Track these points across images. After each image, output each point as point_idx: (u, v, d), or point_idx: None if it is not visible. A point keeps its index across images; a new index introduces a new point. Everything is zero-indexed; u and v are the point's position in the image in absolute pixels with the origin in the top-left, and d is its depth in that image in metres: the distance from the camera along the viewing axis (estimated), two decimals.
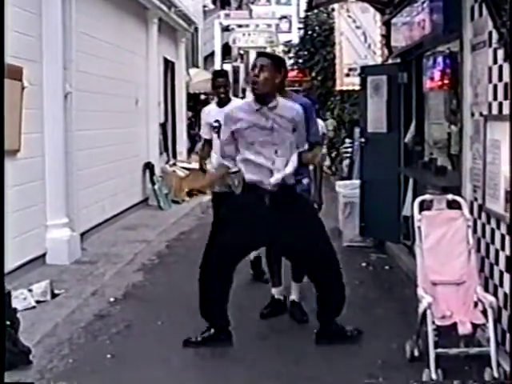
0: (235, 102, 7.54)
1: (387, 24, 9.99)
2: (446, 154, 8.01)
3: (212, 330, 5.97)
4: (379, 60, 12.78)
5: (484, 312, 5.05)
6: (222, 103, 7.92)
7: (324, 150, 21.92)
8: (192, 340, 5.94)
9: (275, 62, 5.93)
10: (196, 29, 23.09)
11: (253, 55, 31.40)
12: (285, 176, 5.79)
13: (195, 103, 24.15)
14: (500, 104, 5.27)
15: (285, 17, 34.46)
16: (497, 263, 5.40)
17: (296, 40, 25.84)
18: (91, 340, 6.21)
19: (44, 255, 8.85)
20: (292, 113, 5.88)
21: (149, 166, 14.65)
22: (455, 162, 7.59)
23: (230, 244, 5.79)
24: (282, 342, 6.00)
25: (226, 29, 30.46)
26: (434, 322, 5.02)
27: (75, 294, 7.62)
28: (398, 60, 9.77)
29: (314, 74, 21.38)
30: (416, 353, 5.39)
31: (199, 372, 5.48)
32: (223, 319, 6.00)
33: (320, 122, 7.14)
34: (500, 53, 5.20)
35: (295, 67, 24.33)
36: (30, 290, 7.23)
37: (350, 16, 14.75)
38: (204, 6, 26.68)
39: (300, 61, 23.04)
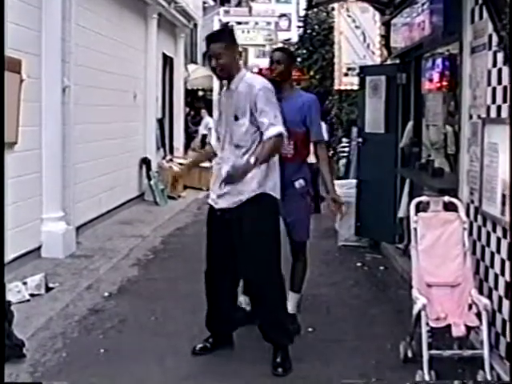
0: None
1: (387, 24, 10.00)
2: (443, 155, 8.01)
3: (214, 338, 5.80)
4: (378, 60, 12.80)
5: (478, 314, 5.05)
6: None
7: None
8: (198, 348, 5.74)
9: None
10: (195, 25, 23.03)
11: (251, 52, 31.41)
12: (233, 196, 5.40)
13: (193, 99, 24.11)
14: (498, 107, 5.27)
15: (284, 15, 34.50)
16: (492, 266, 5.41)
17: (295, 38, 25.83)
18: (85, 334, 6.20)
19: (39, 248, 8.84)
20: (246, 89, 5.35)
21: (145, 161, 14.66)
22: (453, 163, 7.60)
23: (210, 251, 5.64)
24: None
25: (225, 25, 30.41)
26: (428, 324, 5.01)
27: (70, 287, 7.62)
28: (397, 61, 9.78)
29: (312, 73, 21.38)
30: (410, 354, 5.40)
31: (193, 368, 5.46)
32: (226, 327, 5.84)
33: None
34: (500, 56, 5.20)
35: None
36: (25, 283, 7.23)
37: (349, 16, 14.77)
38: (204, 3, 26.58)
39: (298, 59, 23.02)
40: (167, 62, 18.05)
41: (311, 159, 6.35)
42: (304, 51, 22.00)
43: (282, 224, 5.80)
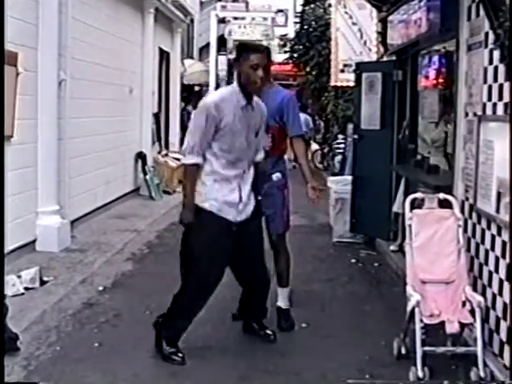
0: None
1: (383, 21, 10.00)
2: (443, 153, 7.99)
3: (170, 349, 5.52)
4: (374, 57, 12.81)
5: (472, 312, 5.07)
6: None
7: (315, 146, 21.82)
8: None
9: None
10: (192, 20, 23.04)
11: None
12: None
13: (189, 94, 24.10)
14: (494, 104, 5.29)
15: (281, 10, 34.41)
16: (486, 263, 5.43)
17: (292, 34, 25.84)
18: (79, 328, 6.21)
19: (34, 242, 8.84)
20: (264, 111, 5.60)
21: (141, 156, 14.64)
22: (451, 162, 7.62)
23: (215, 264, 5.47)
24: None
25: (221, 21, 30.32)
26: (421, 320, 5.03)
27: (64, 281, 7.62)
28: (394, 57, 9.79)
29: (308, 69, 21.40)
30: (403, 350, 5.40)
31: (187, 362, 5.45)
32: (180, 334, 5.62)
33: (305, 116, 6.80)
34: (496, 54, 5.21)
35: (290, 61, 24.35)
36: (19, 277, 7.23)
37: (346, 12, 14.79)
38: None
39: (295, 55, 23.05)
40: (164, 56, 18.04)
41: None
42: (300, 47, 22.03)
43: None
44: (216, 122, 5.25)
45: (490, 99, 5.39)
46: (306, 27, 21.72)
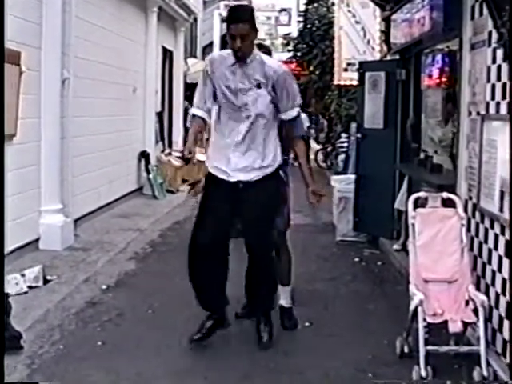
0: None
1: (387, 20, 10.00)
2: (449, 153, 7.98)
3: (211, 321, 5.71)
4: (378, 56, 12.83)
5: (475, 311, 5.07)
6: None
7: (317, 146, 21.79)
8: (196, 337, 5.66)
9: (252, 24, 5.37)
10: (195, 19, 23.03)
11: None
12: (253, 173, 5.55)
13: (192, 93, 24.10)
14: (498, 104, 5.28)
15: (284, 9, 34.53)
16: (489, 262, 5.42)
17: (295, 33, 25.85)
18: (82, 327, 6.21)
19: (37, 240, 8.84)
20: (268, 70, 5.42)
21: (144, 155, 14.65)
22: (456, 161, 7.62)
23: (208, 222, 5.54)
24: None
25: (225, 20, 30.46)
26: (424, 320, 5.03)
27: (67, 280, 7.62)
28: (397, 56, 9.78)
29: (312, 68, 21.40)
30: (406, 349, 5.40)
31: (190, 361, 5.47)
32: (220, 302, 5.77)
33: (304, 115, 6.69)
34: (499, 53, 5.21)
35: (293, 60, 24.35)
36: (23, 275, 7.23)
37: (349, 11, 14.81)
38: None
39: (298, 54, 23.05)
40: (167, 55, 18.04)
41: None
42: (304, 46, 22.04)
43: None
44: (210, 75, 5.54)
45: (493, 98, 5.39)
46: (309, 26, 21.73)
